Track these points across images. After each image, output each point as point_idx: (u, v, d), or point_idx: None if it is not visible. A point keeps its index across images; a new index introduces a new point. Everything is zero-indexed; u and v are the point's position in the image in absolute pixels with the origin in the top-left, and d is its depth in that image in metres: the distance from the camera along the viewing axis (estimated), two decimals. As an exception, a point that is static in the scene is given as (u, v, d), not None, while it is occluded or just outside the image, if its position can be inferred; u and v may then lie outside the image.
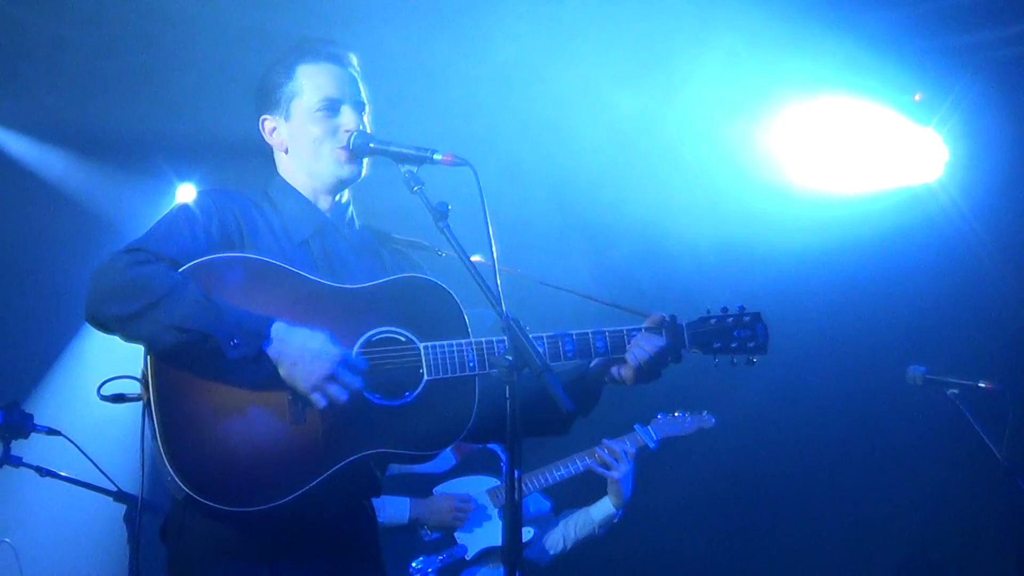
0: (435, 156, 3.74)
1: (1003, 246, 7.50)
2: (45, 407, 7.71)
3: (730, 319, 4.27)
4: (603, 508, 6.80)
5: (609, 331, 4.08)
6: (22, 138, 7.72)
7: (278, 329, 3.56)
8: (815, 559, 8.03)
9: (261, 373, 3.56)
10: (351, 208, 4.13)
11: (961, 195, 7.48)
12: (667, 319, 4.17)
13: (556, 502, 7.00)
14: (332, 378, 3.59)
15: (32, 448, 6.37)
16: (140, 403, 3.65)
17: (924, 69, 7.23)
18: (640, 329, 4.11)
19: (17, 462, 6.25)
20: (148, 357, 3.57)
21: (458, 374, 3.81)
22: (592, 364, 4.16)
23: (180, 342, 3.48)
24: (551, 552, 6.84)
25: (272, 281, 3.72)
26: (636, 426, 6.87)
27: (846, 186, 7.60)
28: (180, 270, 3.59)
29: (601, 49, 6.84)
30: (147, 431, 3.62)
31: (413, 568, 6.41)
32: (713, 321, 4.26)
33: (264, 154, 4.17)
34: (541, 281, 4.62)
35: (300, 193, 4.03)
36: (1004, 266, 7.51)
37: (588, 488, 6.92)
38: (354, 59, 4.11)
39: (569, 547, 6.86)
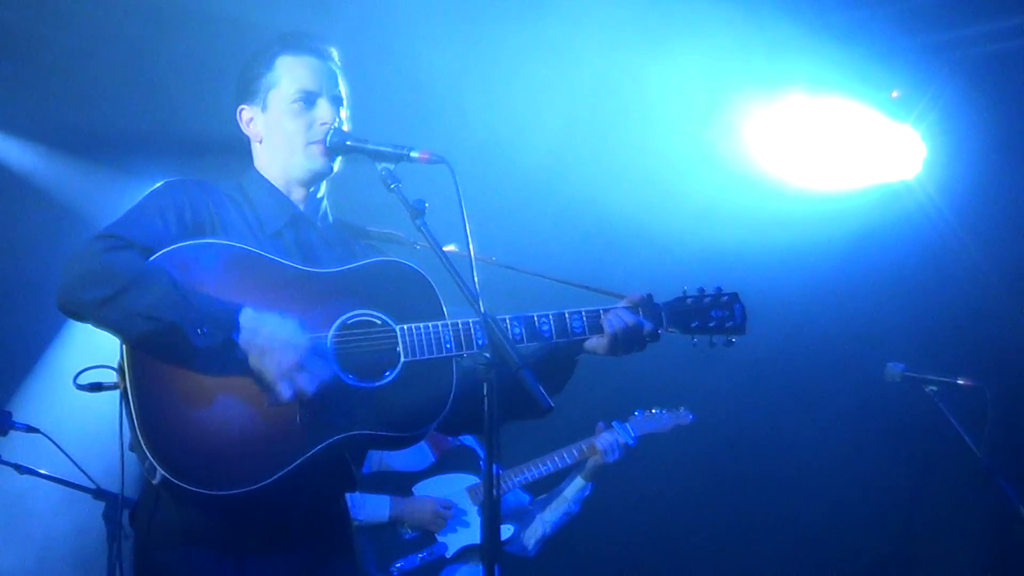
0: (412, 154, 3.73)
1: (981, 242, 7.53)
2: (25, 404, 7.70)
3: (707, 299, 4.28)
4: (575, 485, 6.86)
5: (585, 311, 4.06)
6: (2, 137, 7.69)
7: (246, 317, 3.53)
8: (793, 555, 8.05)
9: (232, 360, 3.53)
10: (325, 202, 4.12)
11: (939, 192, 7.49)
12: (644, 298, 4.18)
13: (534, 496, 7.02)
14: (300, 367, 3.55)
15: (10, 446, 6.36)
16: (118, 395, 3.62)
17: (902, 66, 7.24)
18: (615, 307, 4.12)
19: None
20: (123, 345, 3.56)
21: (435, 355, 3.79)
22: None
23: (148, 330, 3.46)
24: (533, 541, 6.86)
25: (245, 267, 3.70)
26: (615, 423, 6.89)
27: (824, 183, 7.60)
28: (152, 257, 3.57)
29: (578, 44, 6.82)
30: (124, 421, 3.60)
31: (395, 569, 6.42)
32: (690, 300, 4.27)
33: (245, 150, 4.16)
34: (516, 268, 4.61)
35: (273, 185, 4.02)
36: (982, 263, 7.53)
37: (563, 481, 6.95)
38: (335, 54, 4.10)
39: (550, 531, 6.88)
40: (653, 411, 7.03)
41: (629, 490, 7.64)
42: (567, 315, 4.04)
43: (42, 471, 6.36)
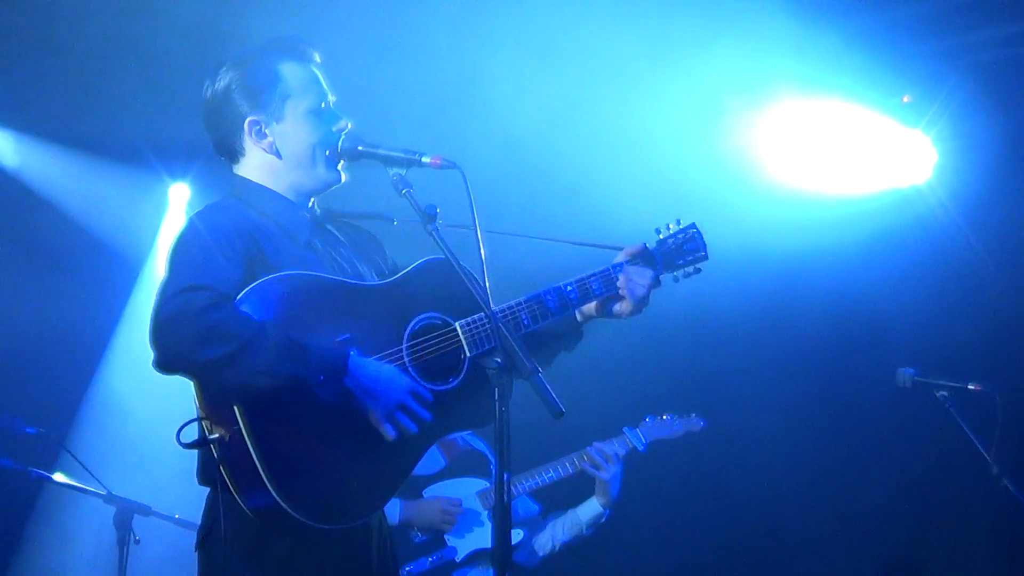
0: (423, 159, 3.77)
1: (992, 248, 7.51)
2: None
3: (680, 235, 4.52)
4: (590, 508, 6.80)
5: (599, 272, 4.30)
6: (12, 139, 7.69)
7: (354, 363, 3.67)
8: (804, 560, 8.03)
9: (341, 400, 3.67)
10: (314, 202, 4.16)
11: (950, 197, 7.47)
12: (644, 248, 4.43)
13: (544, 505, 7.00)
14: (403, 407, 3.75)
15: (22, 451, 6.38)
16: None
17: (913, 71, 7.24)
18: (622, 264, 4.35)
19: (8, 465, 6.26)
20: (236, 404, 3.60)
21: (496, 344, 3.82)
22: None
23: (271, 385, 3.56)
24: (540, 554, 6.84)
25: (314, 293, 3.81)
26: (625, 429, 6.86)
27: (835, 188, 7.59)
28: (236, 299, 3.64)
29: (587, 49, 6.82)
30: (221, 466, 3.67)
31: (404, 572, 6.41)
32: (670, 241, 4.50)
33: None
34: (515, 234, 4.64)
35: (277, 193, 4.02)
36: (993, 268, 7.52)
37: (576, 491, 6.92)
38: (318, 57, 4.13)
39: (558, 548, 6.85)
40: (664, 417, 7.01)
41: (640, 496, 7.62)
42: (586, 279, 4.27)
43: (56, 477, 6.39)
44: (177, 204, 8.05)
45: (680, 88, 7.03)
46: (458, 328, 3.94)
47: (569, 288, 4.21)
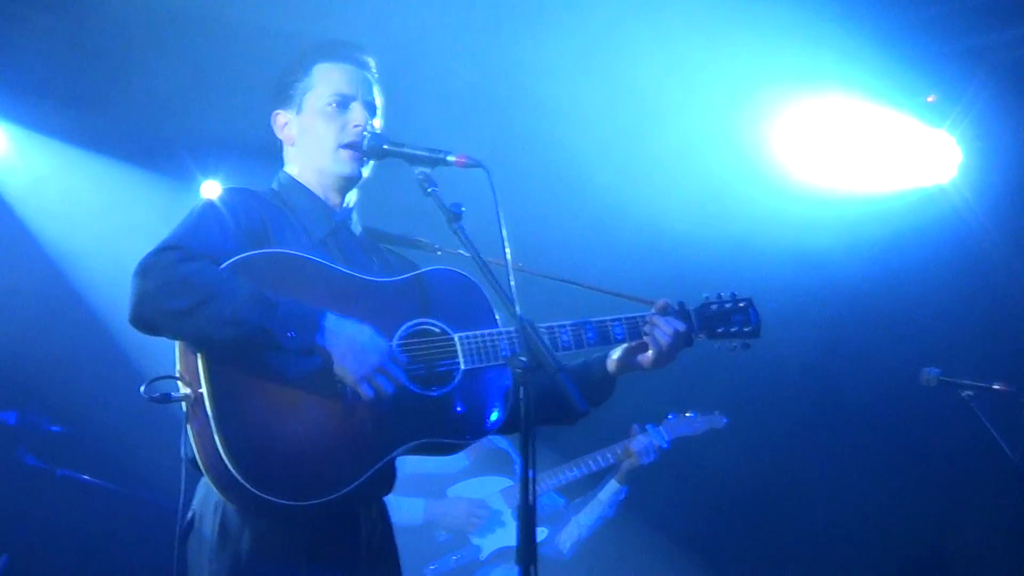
0: (448, 158, 3.78)
1: (1017, 247, 7.49)
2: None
3: (728, 304, 4.37)
4: (609, 488, 6.85)
5: (625, 318, 4.18)
6: (43, 139, 7.72)
7: (330, 321, 3.62)
8: (828, 558, 8.03)
9: (312, 365, 3.61)
10: (355, 214, 4.16)
11: (974, 196, 7.46)
12: (675, 306, 4.26)
13: (569, 499, 7.02)
14: (380, 370, 3.65)
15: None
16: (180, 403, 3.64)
17: (937, 71, 7.22)
18: (650, 313, 4.21)
19: (32, 463, 6.29)
20: (199, 355, 3.57)
21: (492, 363, 3.89)
22: (598, 357, 4.28)
23: (235, 336, 3.51)
24: (569, 544, 6.86)
25: (308, 275, 3.77)
26: (648, 426, 6.89)
27: (860, 187, 7.59)
28: (221, 266, 3.61)
29: (608, 43, 6.82)
30: (187, 429, 3.61)
31: (429, 571, 6.44)
32: (715, 306, 4.35)
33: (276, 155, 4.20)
34: (545, 275, 4.63)
35: (311, 191, 4.06)
36: (1018, 267, 7.50)
37: (596, 480, 6.96)
38: (372, 64, 4.15)
39: (586, 534, 6.89)
40: (687, 414, 7.03)
41: (662, 493, 7.63)
42: (608, 322, 4.15)
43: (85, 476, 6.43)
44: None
45: (707, 87, 7.04)
46: (456, 340, 3.87)
47: (588, 327, 4.13)
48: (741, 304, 4.38)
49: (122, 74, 7.08)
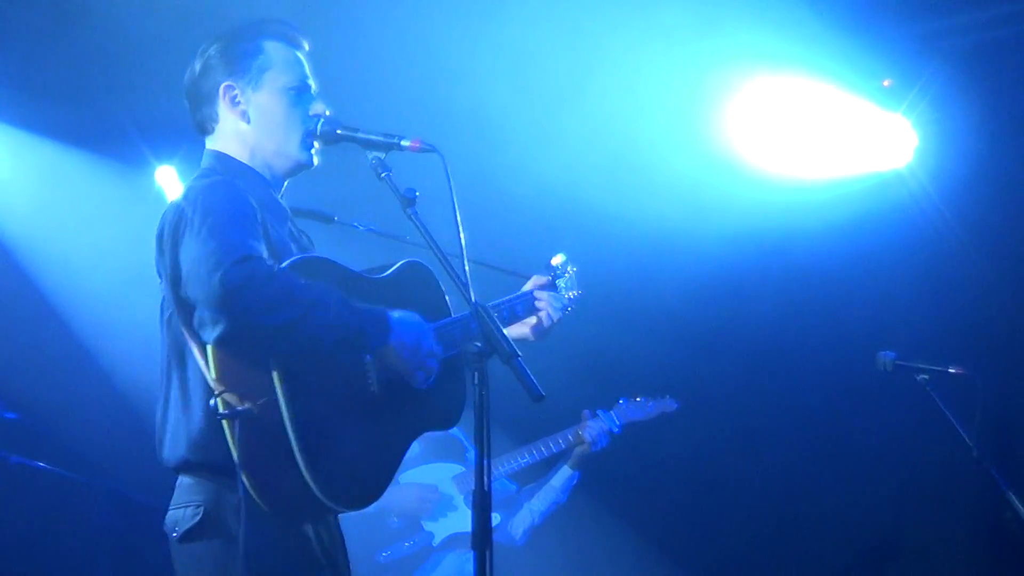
0: (402, 143, 3.75)
1: (972, 232, 7.52)
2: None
3: (569, 266, 4.85)
4: (561, 474, 6.86)
5: (520, 296, 4.56)
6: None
7: (395, 319, 3.66)
8: (780, 544, 8.05)
9: (359, 365, 3.70)
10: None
11: (930, 181, 7.48)
12: (548, 280, 4.69)
13: (521, 485, 7.02)
14: (431, 353, 3.75)
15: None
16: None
17: (893, 55, 7.23)
18: (535, 290, 4.61)
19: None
20: (273, 365, 3.50)
21: (456, 351, 3.93)
22: None
23: (341, 339, 3.54)
24: (521, 530, 6.86)
25: (335, 275, 3.75)
26: (599, 411, 6.89)
27: (814, 171, 7.59)
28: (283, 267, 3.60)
29: (554, 25, 6.78)
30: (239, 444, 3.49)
31: (381, 557, 6.42)
32: (571, 268, 4.86)
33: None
34: (396, 240, 4.63)
35: (263, 177, 3.94)
36: (974, 251, 7.53)
37: (548, 466, 6.95)
38: (307, 46, 4.08)
39: (539, 520, 6.88)
40: (638, 399, 7.03)
41: (614, 478, 7.64)
42: (515, 301, 4.52)
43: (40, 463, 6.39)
44: (165, 187, 7.92)
45: (657, 70, 7.01)
46: (433, 331, 3.83)
47: (502, 308, 4.41)
48: (574, 268, 4.88)
49: (69, 54, 6.97)
